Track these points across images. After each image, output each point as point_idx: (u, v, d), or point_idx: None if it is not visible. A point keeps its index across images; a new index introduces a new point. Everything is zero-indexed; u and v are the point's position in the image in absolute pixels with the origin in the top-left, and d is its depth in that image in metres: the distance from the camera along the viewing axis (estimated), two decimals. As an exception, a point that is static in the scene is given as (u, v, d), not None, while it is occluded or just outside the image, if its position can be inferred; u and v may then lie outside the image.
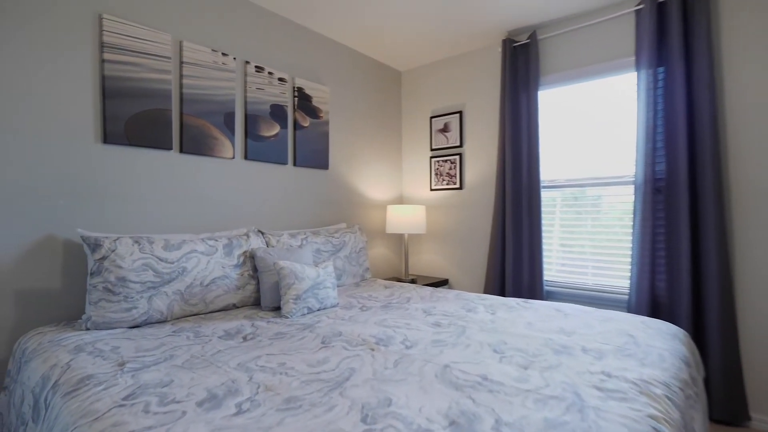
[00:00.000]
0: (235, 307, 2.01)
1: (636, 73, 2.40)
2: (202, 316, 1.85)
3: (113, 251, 1.63)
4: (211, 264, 1.91)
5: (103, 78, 1.86)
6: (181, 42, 2.12)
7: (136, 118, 1.96)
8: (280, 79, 2.61)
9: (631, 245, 2.48)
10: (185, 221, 2.16)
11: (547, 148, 2.90)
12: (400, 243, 3.66)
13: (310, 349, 1.42)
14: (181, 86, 2.13)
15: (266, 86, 2.53)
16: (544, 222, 2.86)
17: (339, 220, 3.06)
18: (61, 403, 1.04)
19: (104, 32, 1.85)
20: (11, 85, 1.63)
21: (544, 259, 2.83)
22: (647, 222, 2.35)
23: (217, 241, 2.00)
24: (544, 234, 2.84)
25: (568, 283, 2.77)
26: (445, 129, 3.39)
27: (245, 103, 2.42)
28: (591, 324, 1.72)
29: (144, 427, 0.89)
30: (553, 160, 2.87)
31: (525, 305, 2.07)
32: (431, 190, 3.48)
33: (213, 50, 2.25)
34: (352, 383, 1.12)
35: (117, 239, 1.67)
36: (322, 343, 1.48)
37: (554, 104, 2.87)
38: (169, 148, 2.08)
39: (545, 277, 2.84)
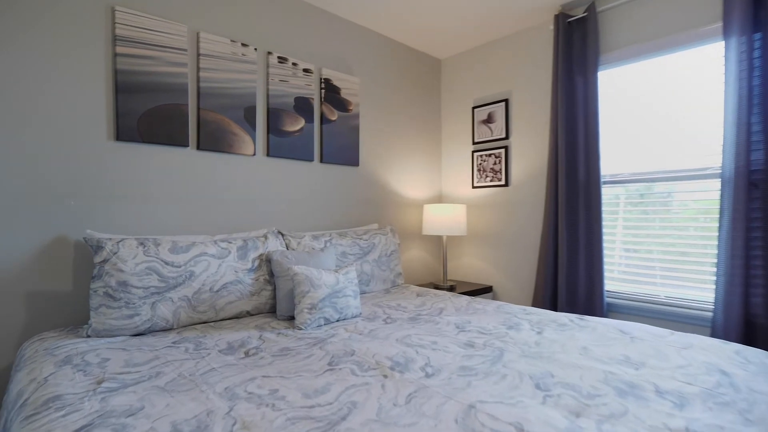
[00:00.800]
0: (248, 314, 1.86)
1: (723, 42, 1.96)
2: (212, 324, 1.72)
3: (115, 254, 1.53)
4: (223, 268, 1.77)
5: (116, 72, 1.78)
6: (198, 33, 2.02)
7: (150, 113, 1.87)
8: (306, 71, 2.45)
9: (716, 251, 2.04)
10: (202, 222, 2.05)
11: (608, 137, 2.50)
12: (439, 246, 3.38)
13: (314, 371, 1.22)
14: (198, 80, 2.02)
15: (290, 78, 2.38)
16: (604, 223, 2.46)
17: (370, 220, 2.86)
18: (17, 430, 0.91)
19: (117, 25, 1.78)
20: (21, 80, 1.58)
21: (605, 267, 2.44)
22: (739, 223, 1.91)
23: (231, 243, 1.87)
24: (605, 237, 2.45)
25: (634, 294, 2.36)
26: (488, 120, 3.07)
27: (267, 96, 2.28)
28: (666, 353, 1.36)
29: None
30: (616, 151, 2.46)
31: (580, 323, 1.73)
32: (473, 187, 3.17)
33: (232, 41, 2.13)
34: (347, 426, 0.90)
35: (121, 241, 1.58)
36: (329, 364, 1.28)
37: (617, 86, 2.47)
38: (186, 144, 1.98)
39: (606, 287, 2.44)
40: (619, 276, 2.44)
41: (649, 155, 2.33)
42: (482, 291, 2.92)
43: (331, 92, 2.58)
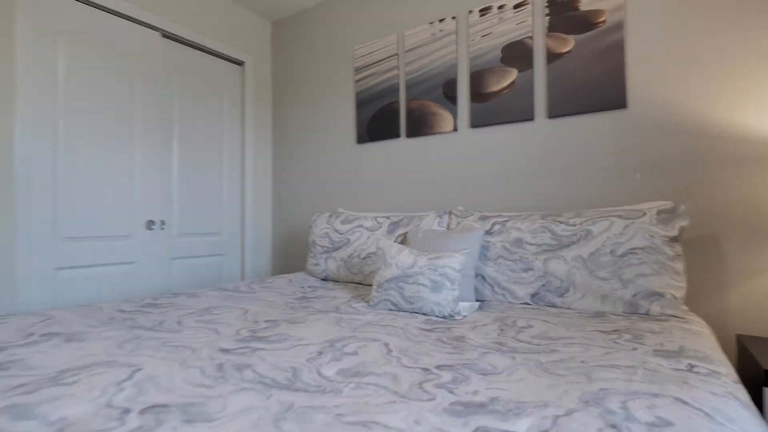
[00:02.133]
0: (389, 288, 1.88)
1: None
2: (358, 285, 1.96)
3: (314, 222, 2.21)
4: (371, 239, 1.96)
5: (355, 95, 2.45)
6: (403, 34, 2.26)
7: (374, 118, 2.37)
8: (517, 6, 1.89)
9: None
10: (412, 201, 2.24)
11: None
12: None
13: (229, 335, 1.32)
14: (404, 75, 2.25)
15: (495, 27, 1.95)
16: None
17: (652, 195, 1.59)
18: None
19: (355, 59, 2.45)
20: (317, 114, 2.64)
21: None
22: None
23: (388, 218, 1.98)
24: None
25: None
26: None
27: (468, 60, 2.04)
28: None
29: None
30: None
31: None
32: None
33: (430, 23, 2.15)
34: (121, 337, 1.11)
35: (323, 214, 2.23)
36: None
37: None
38: (398, 136, 2.28)
39: None
40: None
41: None
42: None
43: (560, 14, 1.79)
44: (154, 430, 0.64)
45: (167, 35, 2.40)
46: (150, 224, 2.32)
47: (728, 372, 0.88)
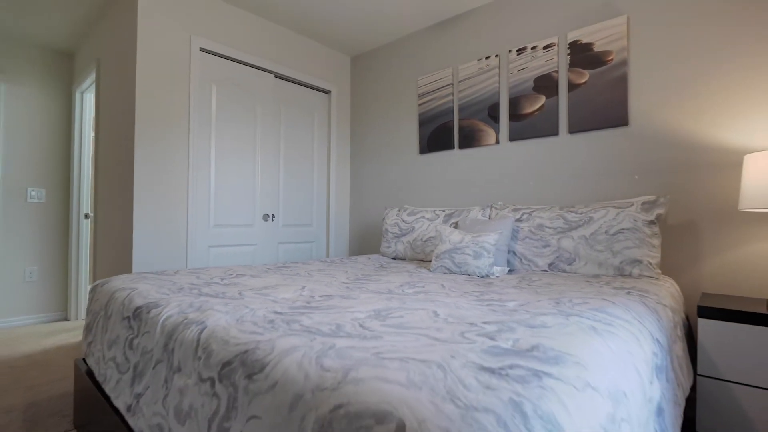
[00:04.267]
0: (444, 262, 2.52)
1: None
2: (420, 261, 2.62)
3: (387, 214, 2.90)
4: (431, 227, 2.61)
5: (418, 116, 3.12)
6: (457, 67, 2.89)
7: (433, 133, 3.02)
8: (546, 47, 2.45)
9: None
10: (462, 198, 2.86)
11: None
12: None
13: (338, 284, 2.04)
14: (457, 100, 2.88)
15: (528, 63, 2.53)
16: None
17: (646, 192, 2.08)
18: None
19: (418, 87, 3.12)
20: (387, 131, 3.34)
21: None
22: None
23: (444, 211, 2.62)
24: None
25: None
26: None
27: (508, 89, 2.62)
28: None
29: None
30: None
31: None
32: None
33: (478, 60, 2.76)
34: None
35: (393, 209, 2.92)
36: (349, 281, 2.00)
37: None
38: (452, 148, 2.92)
39: None
40: None
41: None
42: None
43: (579, 54, 2.33)
44: (330, 300, 1.34)
45: (278, 76, 3.24)
46: (265, 217, 3.15)
47: (657, 299, 1.42)
